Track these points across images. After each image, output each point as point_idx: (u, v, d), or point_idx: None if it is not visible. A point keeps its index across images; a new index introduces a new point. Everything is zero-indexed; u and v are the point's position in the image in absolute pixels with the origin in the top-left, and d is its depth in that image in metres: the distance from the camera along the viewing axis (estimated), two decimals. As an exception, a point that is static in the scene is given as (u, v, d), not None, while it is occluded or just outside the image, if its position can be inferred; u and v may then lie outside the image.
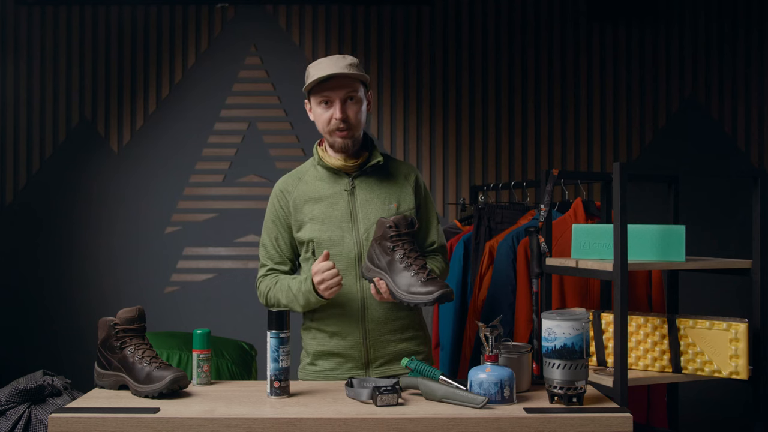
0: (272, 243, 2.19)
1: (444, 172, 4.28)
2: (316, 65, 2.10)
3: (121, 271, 4.19)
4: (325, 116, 2.09)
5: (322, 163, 2.16)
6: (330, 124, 2.09)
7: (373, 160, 2.16)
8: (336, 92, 2.07)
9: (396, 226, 1.96)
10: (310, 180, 2.17)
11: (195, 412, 1.72)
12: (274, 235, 2.19)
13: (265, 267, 2.21)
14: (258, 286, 2.21)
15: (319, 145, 2.21)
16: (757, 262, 2.14)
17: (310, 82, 2.08)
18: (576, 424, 1.68)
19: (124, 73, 4.26)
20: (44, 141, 4.24)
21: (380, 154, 2.18)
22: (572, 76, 4.30)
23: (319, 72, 2.06)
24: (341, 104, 2.07)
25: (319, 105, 2.10)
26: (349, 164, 2.14)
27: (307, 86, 2.11)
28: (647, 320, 2.16)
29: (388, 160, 2.22)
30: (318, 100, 2.10)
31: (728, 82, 4.34)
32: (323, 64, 2.08)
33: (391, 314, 2.12)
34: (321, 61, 2.10)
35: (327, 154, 2.17)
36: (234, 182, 4.24)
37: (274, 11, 4.27)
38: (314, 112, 2.14)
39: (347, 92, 2.08)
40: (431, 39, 4.29)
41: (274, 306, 2.15)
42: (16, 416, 2.79)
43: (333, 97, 2.08)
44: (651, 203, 3.26)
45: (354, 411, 1.73)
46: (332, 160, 2.15)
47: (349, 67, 2.07)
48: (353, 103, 2.09)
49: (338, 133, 2.09)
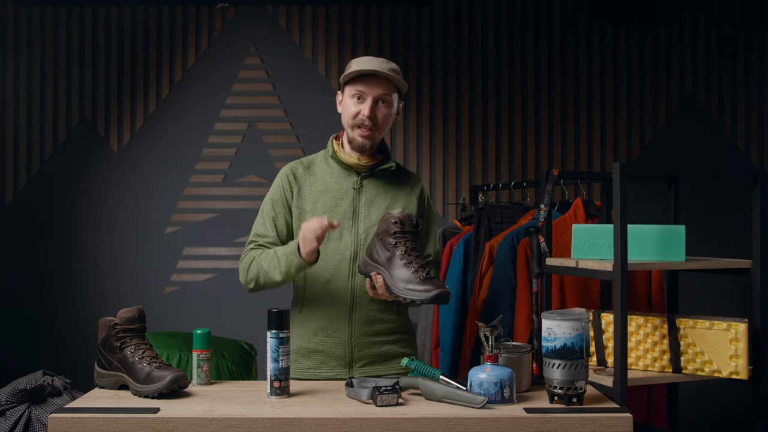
0: (270, 221, 2.14)
1: (444, 172, 4.28)
2: (360, 60, 2.12)
3: (121, 271, 4.19)
4: (354, 110, 2.10)
5: (335, 157, 2.16)
6: (356, 119, 2.10)
7: (386, 164, 2.17)
8: (371, 89, 2.08)
9: (401, 223, 1.96)
10: (319, 171, 2.17)
11: (195, 412, 1.72)
12: (272, 215, 2.15)
13: (253, 243, 2.15)
14: (242, 260, 2.14)
15: (336, 139, 2.21)
16: (757, 262, 2.14)
17: (349, 71, 2.09)
18: (576, 424, 1.68)
19: (124, 73, 4.26)
20: (44, 141, 4.24)
21: (394, 162, 2.19)
22: (572, 76, 4.30)
23: (362, 66, 2.08)
24: (373, 103, 2.08)
25: (352, 97, 2.10)
26: (362, 163, 2.14)
27: (345, 76, 2.11)
28: (647, 320, 2.16)
29: (399, 168, 2.23)
30: (352, 92, 2.10)
31: (728, 82, 4.34)
32: (367, 61, 2.10)
33: (380, 315, 2.11)
34: (365, 58, 2.12)
35: (342, 149, 2.18)
36: (234, 182, 4.24)
37: (274, 11, 4.27)
38: (344, 103, 2.13)
39: (382, 93, 2.09)
40: (431, 39, 4.29)
41: (253, 280, 2.09)
42: (16, 416, 2.79)
43: (367, 94, 2.08)
44: (651, 203, 3.25)
45: (354, 411, 1.73)
46: (346, 156, 2.15)
47: (391, 71, 2.09)
48: (384, 106, 2.10)
49: (361, 130, 2.10)
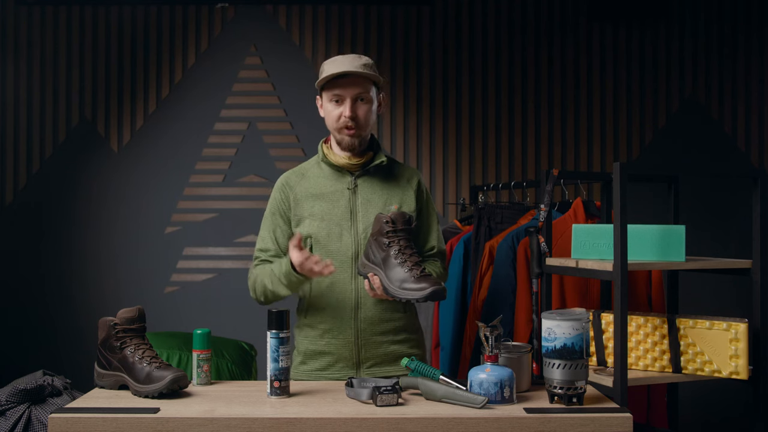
0: (270, 235, 2.18)
1: (444, 172, 4.28)
2: (331, 62, 2.12)
3: (121, 271, 4.18)
4: (335, 113, 2.11)
5: (326, 161, 2.17)
6: (339, 122, 2.11)
7: (377, 160, 2.17)
8: (347, 90, 2.09)
9: (393, 222, 1.96)
10: (312, 176, 2.18)
11: (195, 412, 1.72)
12: (272, 228, 2.18)
13: (257, 259, 2.20)
14: (249, 277, 2.19)
15: (325, 143, 2.21)
16: (757, 262, 2.14)
17: (322, 77, 2.10)
18: (576, 424, 1.68)
19: (124, 73, 4.26)
20: (44, 141, 4.24)
21: (384, 155, 2.19)
22: (572, 76, 4.30)
23: (333, 69, 2.08)
24: (352, 103, 2.09)
25: (330, 101, 2.12)
26: (353, 163, 2.15)
27: (319, 82, 2.13)
28: (647, 320, 2.16)
29: (392, 162, 2.23)
30: (329, 97, 2.12)
31: (728, 82, 4.33)
32: (338, 62, 2.11)
33: (385, 315, 2.11)
34: (336, 59, 2.12)
35: (332, 151, 2.18)
36: (234, 182, 4.24)
37: (274, 11, 4.27)
38: (325, 108, 2.15)
39: (359, 92, 2.10)
40: (431, 39, 4.28)
41: (262, 295, 2.13)
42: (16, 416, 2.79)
43: (344, 95, 2.09)
44: (651, 203, 3.25)
45: (354, 411, 1.73)
46: (336, 157, 2.16)
47: (363, 66, 2.09)
48: (363, 103, 2.11)
49: (346, 131, 2.11)
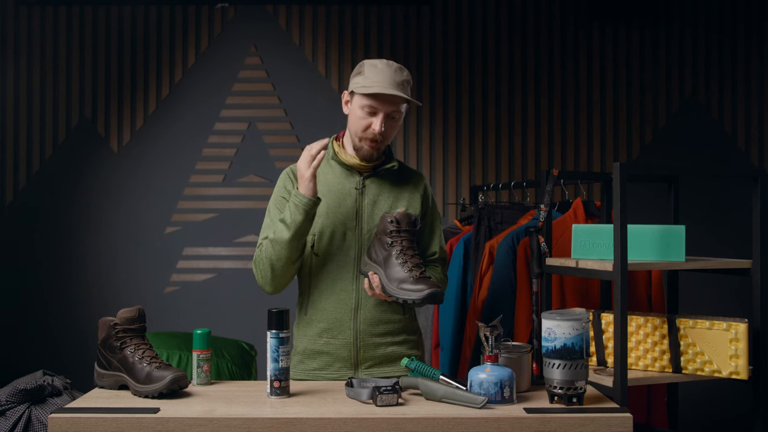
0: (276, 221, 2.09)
1: (444, 172, 4.28)
2: (373, 68, 2.05)
3: (121, 271, 4.18)
4: (364, 122, 2.06)
5: (336, 159, 2.15)
6: (365, 132, 2.06)
7: (388, 164, 2.15)
8: (384, 106, 2.04)
9: (397, 222, 1.96)
10: (321, 173, 2.15)
11: (195, 412, 1.72)
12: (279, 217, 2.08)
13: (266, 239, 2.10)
14: (254, 261, 2.11)
15: (336, 140, 2.18)
16: (757, 262, 2.14)
17: (366, 87, 2.03)
18: (576, 424, 1.68)
19: (124, 73, 4.26)
20: (44, 141, 4.24)
21: (395, 160, 2.17)
22: (572, 76, 4.30)
23: (376, 77, 2.02)
24: (384, 118, 2.05)
25: (362, 109, 2.05)
26: (364, 164, 2.13)
27: (358, 87, 2.06)
28: (647, 320, 2.16)
29: (401, 167, 2.21)
30: (362, 105, 2.05)
31: (728, 82, 4.34)
32: (382, 73, 2.04)
33: (385, 316, 2.11)
34: (378, 66, 2.06)
35: (343, 150, 2.16)
36: (234, 182, 4.24)
37: (274, 11, 4.27)
38: (353, 112, 2.09)
39: (393, 110, 2.06)
40: (431, 39, 4.28)
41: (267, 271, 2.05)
42: (16, 416, 2.79)
43: (379, 110, 2.04)
44: (651, 203, 3.25)
45: (354, 411, 1.73)
46: (348, 157, 2.14)
47: (405, 84, 2.05)
48: (394, 121, 2.08)
49: (370, 142, 2.07)
